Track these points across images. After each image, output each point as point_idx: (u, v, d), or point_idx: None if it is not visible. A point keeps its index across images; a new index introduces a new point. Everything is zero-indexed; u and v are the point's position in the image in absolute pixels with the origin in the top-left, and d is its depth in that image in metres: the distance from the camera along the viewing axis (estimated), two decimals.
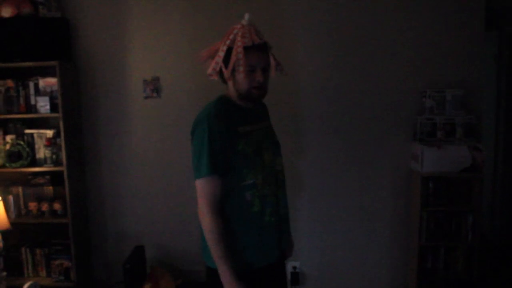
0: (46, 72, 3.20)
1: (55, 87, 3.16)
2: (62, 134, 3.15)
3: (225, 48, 1.76)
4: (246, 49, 1.73)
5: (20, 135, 3.27)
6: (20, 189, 3.32)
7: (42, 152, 3.24)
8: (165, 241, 3.50)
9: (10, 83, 3.20)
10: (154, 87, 3.37)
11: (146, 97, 3.38)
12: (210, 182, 1.72)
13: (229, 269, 1.69)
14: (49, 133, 3.24)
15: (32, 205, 3.26)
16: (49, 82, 3.19)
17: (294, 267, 3.47)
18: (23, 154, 3.19)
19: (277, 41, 3.15)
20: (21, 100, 3.21)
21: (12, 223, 3.07)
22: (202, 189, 1.73)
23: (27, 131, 3.27)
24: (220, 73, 1.81)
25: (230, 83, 1.82)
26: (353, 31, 3.29)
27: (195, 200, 1.78)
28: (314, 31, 3.30)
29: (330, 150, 3.39)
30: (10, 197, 3.28)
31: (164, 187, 3.45)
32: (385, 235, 3.44)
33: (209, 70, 1.79)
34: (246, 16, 1.78)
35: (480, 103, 3.32)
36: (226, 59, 1.76)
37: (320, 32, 3.30)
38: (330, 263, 3.49)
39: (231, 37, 1.76)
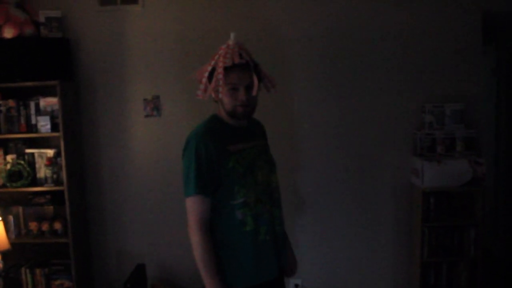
0: (47, 92, 3.22)
1: (56, 107, 3.17)
2: (62, 153, 3.16)
3: (209, 68, 1.81)
4: (227, 68, 1.75)
5: (21, 154, 3.28)
6: (20, 209, 3.31)
7: (42, 171, 3.24)
8: (166, 259, 3.47)
9: (11, 103, 3.22)
10: (154, 105, 3.39)
11: (146, 116, 3.40)
12: (197, 201, 1.73)
13: (216, 285, 1.70)
14: (50, 152, 3.24)
15: (33, 225, 3.25)
16: (50, 102, 3.20)
17: (296, 285, 3.44)
18: (24, 173, 3.19)
19: (273, 56, 3.23)
20: (22, 120, 3.23)
21: (12, 243, 3.06)
22: (191, 207, 1.75)
23: (28, 150, 3.27)
24: None
25: (218, 102, 1.86)
26: (352, 46, 3.32)
27: None
28: (313, 45, 3.33)
29: (330, 165, 3.40)
30: (11, 217, 3.27)
31: (165, 206, 3.44)
32: (386, 250, 3.42)
33: (198, 91, 1.83)
34: (232, 35, 1.82)
35: (479, 116, 3.34)
36: (211, 80, 1.80)
37: (319, 45, 3.33)
38: (332, 280, 3.46)
39: (216, 57, 1.80)
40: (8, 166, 3.21)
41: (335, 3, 3.29)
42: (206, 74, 1.81)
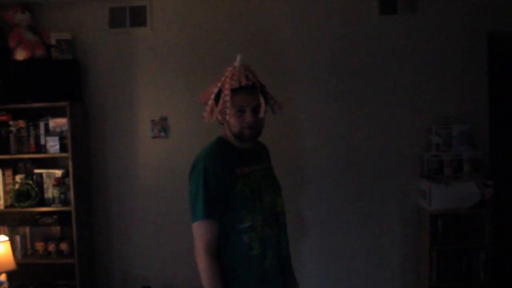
0: (56, 112, 3.26)
1: (65, 127, 3.21)
2: (70, 173, 3.18)
3: (215, 90, 1.81)
4: (234, 90, 1.75)
5: (29, 174, 3.31)
6: (27, 229, 3.33)
7: (50, 191, 3.26)
8: (172, 282, 3.45)
9: (21, 123, 3.27)
10: (162, 127, 3.41)
11: (153, 137, 3.43)
12: (205, 226, 1.71)
13: None
14: (58, 173, 3.27)
15: (39, 245, 3.26)
16: (59, 123, 3.25)
17: None
18: (32, 193, 3.21)
19: (279, 80, 3.26)
20: (32, 140, 3.27)
21: (18, 264, 3.06)
22: (198, 232, 1.72)
23: (37, 170, 3.30)
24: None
25: (224, 125, 1.85)
26: (358, 68, 3.35)
27: None
28: (320, 65, 3.36)
29: (336, 186, 3.38)
30: (17, 237, 3.28)
31: (172, 228, 3.43)
32: (393, 274, 3.37)
33: (203, 113, 1.83)
34: (238, 57, 1.83)
35: (487, 137, 3.32)
36: (217, 102, 1.80)
37: (325, 68, 3.36)
38: None
39: (222, 79, 1.80)
40: (17, 186, 3.23)
41: (343, 22, 3.34)
42: (213, 96, 1.81)
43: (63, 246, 3.24)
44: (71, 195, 3.19)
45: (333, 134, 3.37)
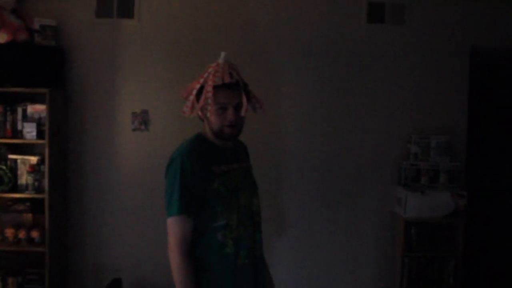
0: (36, 99, 3.21)
1: (43, 114, 3.16)
2: (46, 161, 3.13)
3: (197, 86, 1.79)
4: (217, 87, 1.74)
5: (3, 159, 3.24)
6: None
7: (24, 178, 3.20)
8: (143, 275, 3.42)
9: None
10: (142, 119, 3.39)
11: (134, 130, 3.40)
12: (180, 221, 1.69)
13: None
14: (33, 159, 3.21)
15: (9, 232, 3.19)
16: (38, 109, 3.19)
17: None
18: (5, 179, 3.15)
19: (263, 80, 3.27)
20: (8, 125, 3.20)
21: None
22: (172, 227, 1.70)
23: (11, 156, 3.24)
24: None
25: (205, 122, 1.84)
26: (343, 74, 3.38)
27: None
28: (304, 71, 3.38)
29: (314, 189, 3.41)
30: None
31: (146, 222, 3.39)
32: (367, 279, 3.41)
33: (184, 108, 1.82)
34: (222, 54, 1.81)
35: (464, 149, 3.39)
36: (199, 98, 1.79)
37: (310, 71, 3.38)
38: None
39: (205, 75, 1.79)
40: None
41: (330, 28, 3.37)
42: (194, 92, 1.80)
43: (34, 234, 3.18)
44: (46, 182, 3.13)
45: (315, 138, 3.40)
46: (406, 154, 3.34)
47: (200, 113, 1.80)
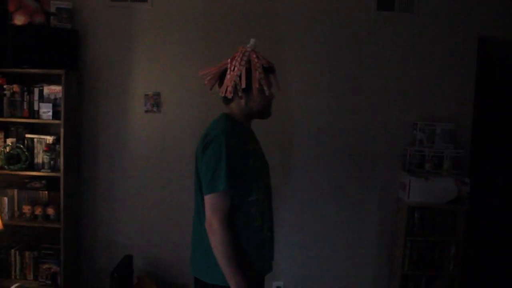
0: (52, 80, 3.29)
1: (59, 95, 3.25)
2: (61, 140, 3.23)
3: (242, 68, 1.85)
4: (265, 70, 1.87)
5: (20, 139, 3.35)
6: (15, 191, 3.37)
7: (40, 157, 3.31)
8: (154, 252, 3.54)
9: (16, 88, 3.29)
10: (155, 102, 3.47)
11: (146, 111, 3.49)
12: (225, 197, 1.76)
13: (244, 281, 1.73)
14: (49, 139, 3.32)
15: (26, 208, 3.31)
16: (54, 90, 3.28)
17: (278, 287, 3.51)
18: (22, 157, 3.26)
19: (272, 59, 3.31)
20: (25, 105, 3.30)
21: (5, 225, 3.12)
22: (215, 203, 1.75)
23: (28, 135, 3.34)
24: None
25: (239, 102, 1.90)
26: (352, 61, 3.43)
27: (187, 214, 1.83)
28: (313, 59, 3.44)
29: (321, 171, 3.49)
30: (5, 199, 3.33)
31: (158, 202, 3.52)
32: (369, 261, 3.51)
33: (228, 90, 1.85)
34: (252, 41, 1.91)
35: (469, 137, 3.45)
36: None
37: (319, 59, 3.44)
38: (313, 285, 3.53)
39: (244, 58, 1.86)
40: (8, 149, 3.28)
41: (340, 15, 3.41)
42: (239, 74, 1.84)
43: (50, 211, 3.30)
44: (61, 161, 3.24)
45: (322, 123, 3.46)
46: (412, 140, 3.41)
47: (240, 93, 1.86)
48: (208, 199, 1.77)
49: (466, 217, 3.20)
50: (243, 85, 1.84)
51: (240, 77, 1.84)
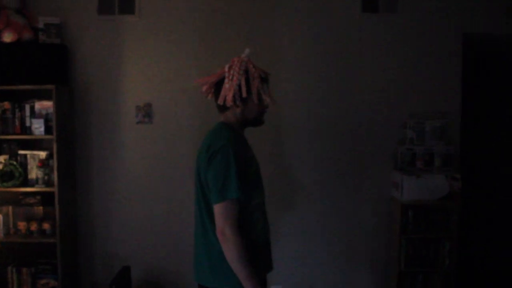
0: (42, 95, 3.30)
1: (51, 110, 3.26)
2: (55, 155, 3.24)
3: (241, 78, 1.88)
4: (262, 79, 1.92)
5: (13, 155, 3.35)
6: (10, 208, 3.37)
7: (34, 172, 3.31)
8: (151, 262, 3.55)
9: (7, 105, 3.30)
10: (146, 112, 3.50)
11: (138, 122, 3.51)
12: (234, 204, 1.78)
13: (260, 283, 1.77)
14: (42, 154, 3.32)
15: (21, 225, 3.31)
16: (45, 105, 3.28)
17: None
18: (16, 174, 3.27)
19: (266, 62, 3.35)
20: (17, 122, 3.30)
21: (1, 242, 3.13)
22: (227, 211, 1.76)
23: (21, 151, 3.35)
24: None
25: (234, 111, 1.93)
26: (339, 62, 3.47)
27: (184, 222, 1.85)
28: (300, 61, 3.48)
29: (313, 173, 3.52)
30: (0, 216, 3.33)
31: (153, 210, 3.53)
32: (366, 260, 3.53)
33: (228, 99, 1.87)
34: (247, 51, 1.95)
35: (458, 133, 3.49)
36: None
37: (306, 61, 3.48)
38: (312, 286, 3.55)
39: (242, 68, 1.89)
40: (1, 166, 3.28)
41: (325, 17, 3.46)
42: (238, 83, 1.87)
43: (46, 226, 3.30)
44: (55, 176, 3.24)
45: (313, 124, 3.49)
46: (402, 139, 3.45)
47: (238, 101, 1.88)
48: (218, 207, 1.78)
49: (459, 213, 3.24)
50: (244, 94, 1.87)
51: (239, 86, 1.88)
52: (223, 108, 1.95)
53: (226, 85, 1.89)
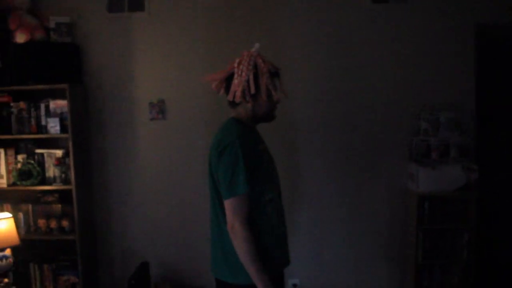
0: (57, 94, 3.34)
1: (65, 109, 3.29)
2: (71, 153, 3.28)
3: (250, 73, 1.86)
4: (271, 74, 1.90)
5: (31, 154, 3.41)
6: (30, 206, 3.43)
7: (51, 171, 3.36)
8: (170, 258, 3.59)
9: (22, 105, 3.34)
10: (160, 109, 3.51)
11: (151, 119, 3.52)
12: (244, 199, 1.80)
13: (268, 278, 1.78)
14: (59, 153, 3.37)
15: (41, 222, 3.37)
16: (59, 104, 3.32)
17: (295, 285, 3.55)
18: (34, 173, 3.32)
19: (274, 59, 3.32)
20: (33, 121, 3.35)
21: (22, 240, 3.18)
22: (237, 206, 1.79)
23: (38, 150, 3.40)
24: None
25: (245, 106, 1.92)
26: (351, 54, 3.42)
27: (200, 217, 1.86)
28: (311, 53, 3.44)
29: (328, 168, 3.50)
30: (20, 214, 3.39)
31: (169, 205, 3.56)
32: (382, 253, 3.52)
33: (237, 95, 1.86)
34: (257, 45, 1.93)
35: (474, 124, 3.43)
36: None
37: (318, 53, 3.44)
38: (329, 280, 3.56)
39: (251, 63, 1.88)
40: (19, 166, 3.33)
41: (336, 8, 3.41)
42: (248, 78, 1.86)
43: (65, 223, 3.36)
44: (72, 174, 3.29)
45: (327, 118, 3.47)
46: (416, 130, 3.40)
47: (247, 97, 1.88)
48: (228, 203, 1.80)
49: (477, 204, 3.20)
50: (252, 91, 1.86)
51: (248, 82, 1.86)
52: (234, 104, 1.94)
53: (235, 80, 1.88)
